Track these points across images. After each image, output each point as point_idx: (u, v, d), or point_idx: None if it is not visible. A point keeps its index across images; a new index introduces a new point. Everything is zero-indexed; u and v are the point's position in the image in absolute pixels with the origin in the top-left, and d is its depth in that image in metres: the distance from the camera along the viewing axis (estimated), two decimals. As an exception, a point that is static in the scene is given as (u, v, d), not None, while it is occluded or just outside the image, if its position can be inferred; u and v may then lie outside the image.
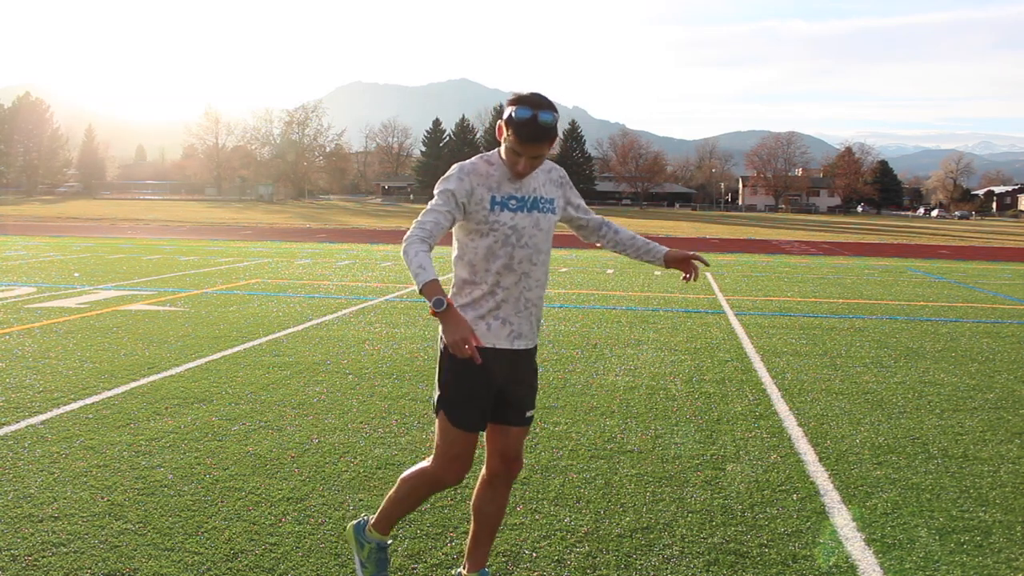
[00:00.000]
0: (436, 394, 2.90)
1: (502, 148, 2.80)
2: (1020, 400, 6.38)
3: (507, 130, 2.71)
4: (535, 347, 2.97)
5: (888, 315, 11.34)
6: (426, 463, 2.97)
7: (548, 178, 2.94)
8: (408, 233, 2.71)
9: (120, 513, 3.75)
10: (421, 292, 2.59)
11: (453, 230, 2.88)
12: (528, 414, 2.98)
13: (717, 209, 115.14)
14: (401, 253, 2.69)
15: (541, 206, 2.86)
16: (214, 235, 31.37)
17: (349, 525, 3.19)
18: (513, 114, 2.68)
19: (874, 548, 3.58)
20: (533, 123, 2.66)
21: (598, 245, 3.22)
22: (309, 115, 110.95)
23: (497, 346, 2.82)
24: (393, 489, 3.06)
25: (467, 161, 2.83)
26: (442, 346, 2.85)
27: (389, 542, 3.13)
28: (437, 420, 2.89)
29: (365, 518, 3.16)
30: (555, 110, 2.70)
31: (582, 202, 3.14)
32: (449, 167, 2.91)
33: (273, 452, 4.67)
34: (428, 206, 2.77)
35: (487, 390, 2.84)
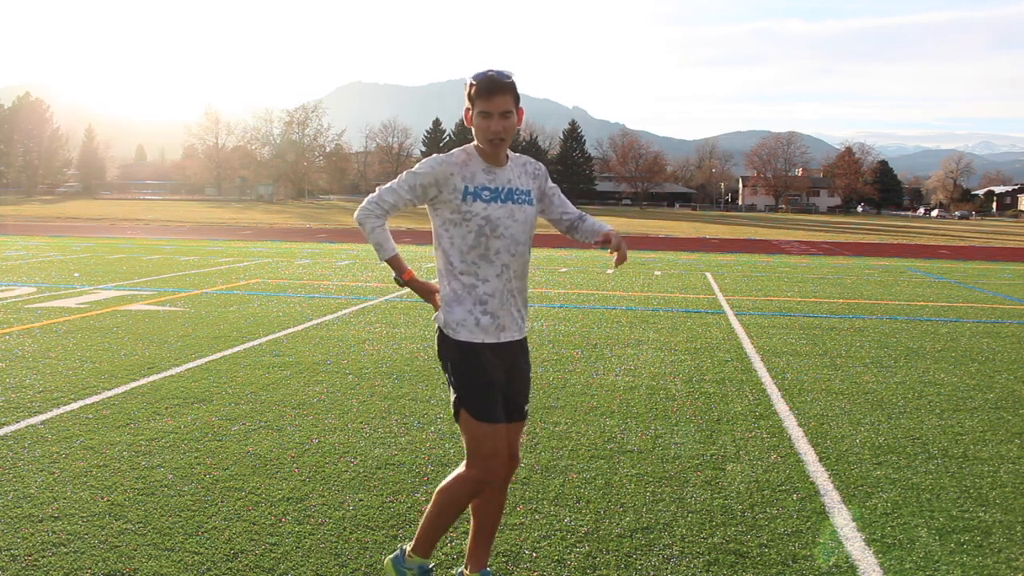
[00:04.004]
0: (453, 397, 2.91)
1: (475, 136, 2.87)
2: (1020, 400, 6.38)
3: (470, 101, 2.81)
4: (524, 338, 3.00)
5: (888, 315, 11.34)
6: (461, 469, 2.96)
7: (524, 171, 2.99)
8: (366, 202, 2.89)
9: (120, 513, 3.75)
10: (387, 262, 2.93)
11: (431, 218, 2.94)
12: (525, 408, 3.02)
13: (717, 209, 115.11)
14: (356, 220, 2.93)
15: (516, 197, 2.90)
16: (214, 235, 31.37)
17: (387, 560, 3.15)
18: (472, 80, 2.80)
19: (874, 548, 3.58)
20: (490, 77, 2.77)
21: (576, 238, 3.17)
22: (309, 115, 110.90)
23: (486, 341, 2.86)
24: (430, 505, 3.02)
25: (446, 153, 2.90)
26: (444, 350, 2.91)
27: (431, 565, 3.12)
28: (461, 422, 2.89)
29: (402, 548, 3.13)
30: (511, 75, 2.82)
31: (560, 194, 3.14)
32: None
33: (273, 452, 4.67)
34: (394, 183, 2.89)
35: (496, 383, 2.88)
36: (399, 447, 4.81)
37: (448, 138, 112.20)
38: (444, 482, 3.00)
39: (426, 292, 2.97)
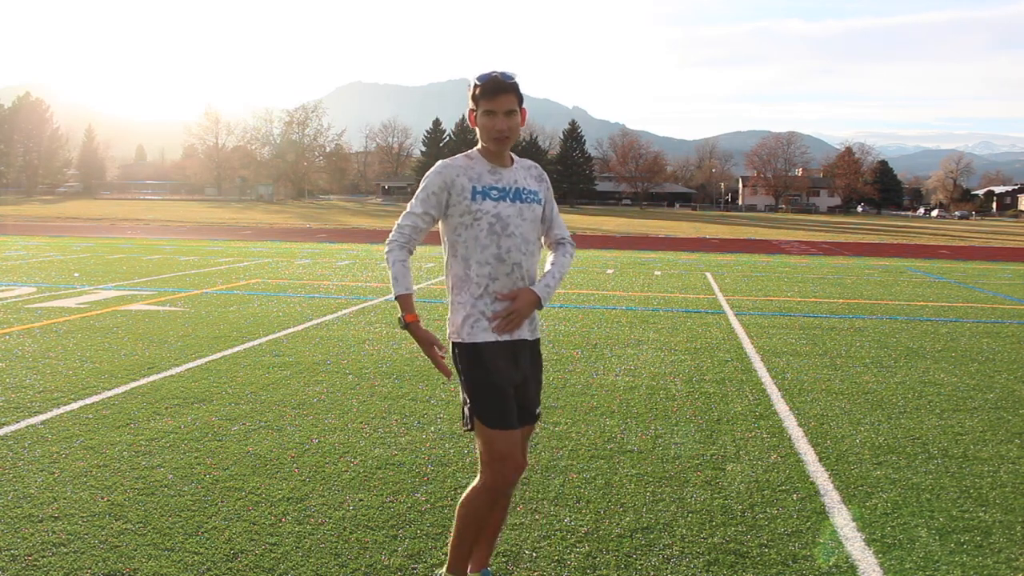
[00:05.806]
0: (465, 407, 2.89)
1: (479, 141, 2.91)
2: (1020, 400, 6.38)
3: (475, 102, 2.84)
4: (537, 339, 3.01)
5: (888, 315, 11.34)
6: (476, 481, 2.93)
7: (529, 173, 3.01)
8: (390, 236, 2.91)
9: (120, 513, 3.76)
10: (397, 298, 2.88)
11: (441, 230, 2.95)
12: (537, 411, 3.01)
13: (717, 209, 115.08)
14: (385, 253, 2.94)
15: (524, 196, 2.93)
16: (214, 235, 31.37)
17: None
18: (476, 81, 2.84)
19: (874, 548, 3.58)
20: (495, 78, 2.81)
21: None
22: (309, 115, 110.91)
23: (500, 339, 2.86)
24: (454, 522, 2.99)
25: (449, 158, 2.94)
26: (457, 359, 2.88)
27: None
28: (475, 431, 2.87)
29: (437, 574, 3.13)
30: (514, 75, 2.87)
31: (556, 213, 3.11)
32: None
33: (273, 452, 4.67)
34: (408, 207, 2.92)
35: (507, 387, 2.86)
36: (399, 447, 4.81)
37: (448, 138, 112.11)
38: (462, 497, 2.97)
39: (425, 343, 2.82)
